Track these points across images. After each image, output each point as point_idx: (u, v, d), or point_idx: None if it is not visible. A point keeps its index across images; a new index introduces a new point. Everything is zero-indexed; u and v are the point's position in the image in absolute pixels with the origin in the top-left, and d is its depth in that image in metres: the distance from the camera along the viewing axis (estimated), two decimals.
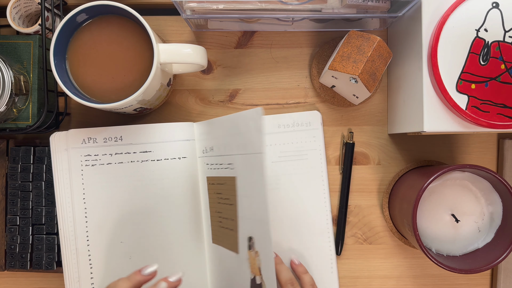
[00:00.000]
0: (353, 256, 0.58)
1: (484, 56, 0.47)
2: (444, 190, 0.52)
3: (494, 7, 0.46)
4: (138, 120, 0.58)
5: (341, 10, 0.51)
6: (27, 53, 0.53)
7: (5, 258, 0.55)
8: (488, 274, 0.59)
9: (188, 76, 0.59)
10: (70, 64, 0.49)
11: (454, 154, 0.59)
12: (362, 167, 0.59)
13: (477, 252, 0.51)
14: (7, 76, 0.50)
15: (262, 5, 0.49)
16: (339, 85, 0.55)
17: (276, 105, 0.59)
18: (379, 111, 0.59)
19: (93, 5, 0.46)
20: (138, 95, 0.46)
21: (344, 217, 0.58)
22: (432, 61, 0.47)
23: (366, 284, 0.58)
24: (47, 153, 0.55)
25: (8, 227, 0.55)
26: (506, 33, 0.46)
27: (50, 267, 0.55)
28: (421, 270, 0.59)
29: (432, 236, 0.52)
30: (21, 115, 0.53)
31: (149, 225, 0.53)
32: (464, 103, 0.47)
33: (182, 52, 0.48)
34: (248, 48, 0.59)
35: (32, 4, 0.55)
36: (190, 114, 0.59)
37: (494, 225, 0.52)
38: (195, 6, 0.50)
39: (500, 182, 0.49)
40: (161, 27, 0.59)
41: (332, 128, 0.59)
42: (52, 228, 0.55)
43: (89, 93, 0.49)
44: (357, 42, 0.50)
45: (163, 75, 0.50)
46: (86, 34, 0.49)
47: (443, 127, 0.48)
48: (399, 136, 0.59)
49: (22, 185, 0.55)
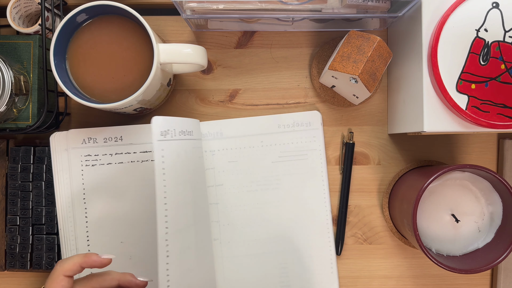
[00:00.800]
0: (353, 256, 0.58)
1: (484, 56, 0.47)
2: (444, 190, 0.52)
3: (494, 7, 0.46)
4: (138, 120, 0.58)
5: (341, 10, 0.51)
6: (27, 53, 0.53)
7: (5, 258, 0.55)
8: (488, 274, 0.59)
9: (188, 76, 0.59)
10: (70, 64, 0.49)
11: (454, 154, 0.59)
12: (362, 167, 0.59)
13: (477, 252, 0.51)
14: (7, 76, 0.50)
15: (262, 5, 0.49)
16: (339, 85, 0.55)
17: (276, 105, 0.59)
18: (379, 111, 0.59)
19: (93, 5, 0.46)
20: (138, 95, 0.46)
21: (344, 217, 0.58)
22: (432, 61, 0.47)
23: (366, 284, 0.58)
24: (47, 153, 0.55)
25: (8, 227, 0.55)
26: (506, 33, 0.46)
27: (50, 267, 0.55)
28: (421, 270, 0.59)
29: (432, 236, 0.52)
30: (21, 115, 0.53)
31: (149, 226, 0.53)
32: (464, 103, 0.47)
33: (182, 52, 0.48)
34: (248, 48, 0.59)
35: (32, 4, 0.55)
36: (190, 114, 0.59)
37: (494, 225, 0.52)
38: (195, 6, 0.50)
39: (500, 182, 0.49)
40: (161, 27, 0.59)
41: (332, 128, 0.59)
42: (52, 228, 0.55)
43: (89, 93, 0.49)
44: (357, 42, 0.50)
45: (163, 75, 0.50)
46: (86, 34, 0.49)
47: (443, 127, 0.48)
48: (399, 136, 0.59)
49: (22, 185, 0.55)
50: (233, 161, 0.56)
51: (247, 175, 0.56)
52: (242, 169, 0.56)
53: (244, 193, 0.56)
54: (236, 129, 0.57)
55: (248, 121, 0.57)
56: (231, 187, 0.56)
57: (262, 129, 0.57)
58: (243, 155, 0.56)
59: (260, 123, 0.57)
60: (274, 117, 0.57)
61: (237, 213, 0.56)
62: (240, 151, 0.56)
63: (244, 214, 0.56)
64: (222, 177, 0.56)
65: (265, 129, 0.57)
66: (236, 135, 0.56)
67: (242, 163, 0.56)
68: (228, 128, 0.57)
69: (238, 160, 0.56)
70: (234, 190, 0.56)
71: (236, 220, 0.56)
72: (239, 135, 0.56)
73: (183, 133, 0.49)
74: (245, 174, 0.56)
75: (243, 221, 0.56)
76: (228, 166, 0.56)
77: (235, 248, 0.56)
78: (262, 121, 0.57)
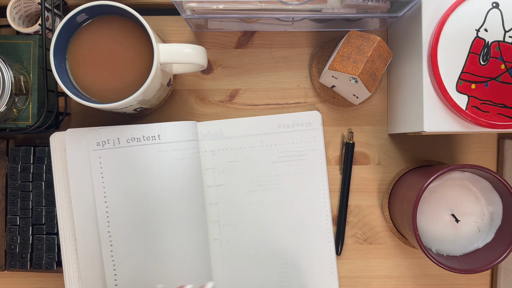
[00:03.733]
0: (353, 256, 0.58)
1: (484, 56, 0.47)
2: (444, 190, 0.52)
3: (494, 7, 0.46)
4: (138, 120, 0.58)
5: (341, 10, 0.51)
6: (27, 53, 0.53)
7: (5, 258, 0.55)
8: (488, 274, 0.59)
9: (188, 76, 0.59)
10: (70, 64, 0.49)
11: (454, 154, 0.59)
12: (362, 167, 0.59)
13: (477, 252, 0.51)
14: (7, 76, 0.50)
15: (262, 5, 0.49)
16: (339, 85, 0.55)
17: (276, 105, 0.59)
18: (379, 111, 0.59)
19: (93, 5, 0.46)
20: (138, 95, 0.46)
21: (344, 217, 0.58)
22: (432, 61, 0.47)
23: (366, 284, 0.58)
24: (47, 153, 0.55)
25: (8, 227, 0.55)
26: (506, 33, 0.46)
27: (50, 267, 0.55)
28: (421, 270, 0.59)
29: (432, 236, 0.52)
30: (21, 115, 0.53)
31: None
32: (464, 103, 0.47)
33: (182, 52, 0.48)
34: (248, 48, 0.59)
35: (32, 4, 0.55)
36: (190, 114, 0.59)
37: (494, 225, 0.52)
38: (195, 6, 0.50)
39: (500, 182, 0.49)
40: (161, 27, 0.59)
41: (332, 128, 0.59)
42: (52, 228, 0.55)
43: (89, 93, 0.49)
44: (357, 42, 0.50)
45: (163, 75, 0.50)
46: (86, 34, 0.49)
47: (443, 127, 0.48)
48: (399, 136, 0.59)
49: (22, 185, 0.55)
50: (233, 161, 0.56)
51: (247, 175, 0.56)
52: (242, 169, 0.56)
53: (244, 193, 0.56)
54: (236, 129, 0.57)
55: (248, 121, 0.57)
56: (231, 187, 0.56)
57: (262, 129, 0.57)
58: (243, 155, 0.56)
59: (260, 123, 0.57)
60: (274, 117, 0.57)
61: (237, 213, 0.56)
62: (240, 151, 0.56)
63: (244, 214, 0.56)
64: (222, 177, 0.56)
65: (265, 129, 0.57)
66: (236, 135, 0.56)
67: (242, 163, 0.56)
68: (228, 128, 0.57)
69: (238, 160, 0.56)
70: (234, 190, 0.56)
71: (236, 220, 0.56)
72: (239, 135, 0.56)
73: (136, 140, 0.51)
74: (245, 174, 0.56)
75: (243, 221, 0.56)
76: (228, 166, 0.56)
77: (235, 248, 0.56)
78: (262, 121, 0.57)
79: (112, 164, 0.51)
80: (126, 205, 0.51)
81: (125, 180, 0.52)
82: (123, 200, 0.52)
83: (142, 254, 0.51)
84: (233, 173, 0.56)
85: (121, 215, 0.51)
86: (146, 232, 0.52)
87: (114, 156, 0.51)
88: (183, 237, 0.52)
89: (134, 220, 0.52)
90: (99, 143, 0.51)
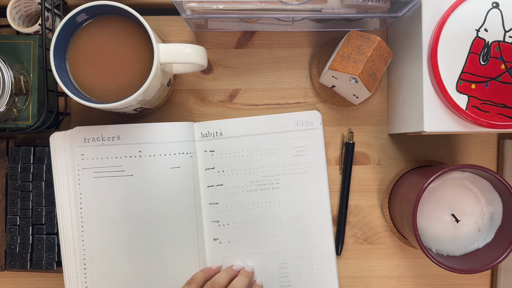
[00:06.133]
0: (353, 256, 0.58)
1: (484, 56, 0.47)
2: (444, 190, 0.52)
3: (494, 7, 0.46)
4: (138, 120, 0.58)
5: (341, 10, 0.51)
6: (27, 53, 0.53)
7: (5, 258, 0.55)
8: (488, 274, 0.59)
9: (188, 76, 0.59)
10: (70, 64, 0.49)
11: (454, 154, 0.59)
12: (362, 167, 0.59)
13: (477, 252, 0.51)
14: (7, 76, 0.50)
15: (262, 5, 0.49)
16: (339, 85, 0.55)
17: (276, 105, 0.59)
18: (379, 111, 0.59)
19: (93, 5, 0.46)
20: (138, 95, 0.46)
21: (344, 217, 0.58)
22: (432, 61, 0.47)
23: (366, 284, 0.58)
24: (47, 153, 0.55)
25: (8, 227, 0.55)
26: (506, 33, 0.46)
27: (50, 267, 0.55)
28: (421, 270, 0.59)
29: (432, 236, 0.52)
30: (21, 115, 0.53)
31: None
32: (464, 103, 0.47)
33: (182, 52, 0.48)
34: (248, 48, 0.59)
35: (32, 4, 0.55)
36: (190, 114, 0.59)
37: (494, 225, 0.52)
38: (195, 6, 0.50)
39: (500, 182, 0.49)
40: (161, 27, 0.59)
41: (332, 128, 0.59)
42: (52, 228, 0.55)
43: (89, 93, 0.49)
44: (357, 42, 0.50)
45: (163, 75, 0.50)
46: (86, 34, 0.49)
47: (443, 127, 0.48)
48: (399, 136, 0.59)
49: (22, 185, 0.55)
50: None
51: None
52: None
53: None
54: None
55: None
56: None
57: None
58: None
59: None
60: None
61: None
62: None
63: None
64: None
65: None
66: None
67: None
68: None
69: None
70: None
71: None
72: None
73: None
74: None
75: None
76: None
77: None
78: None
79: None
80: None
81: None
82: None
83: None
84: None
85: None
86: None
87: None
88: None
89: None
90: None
